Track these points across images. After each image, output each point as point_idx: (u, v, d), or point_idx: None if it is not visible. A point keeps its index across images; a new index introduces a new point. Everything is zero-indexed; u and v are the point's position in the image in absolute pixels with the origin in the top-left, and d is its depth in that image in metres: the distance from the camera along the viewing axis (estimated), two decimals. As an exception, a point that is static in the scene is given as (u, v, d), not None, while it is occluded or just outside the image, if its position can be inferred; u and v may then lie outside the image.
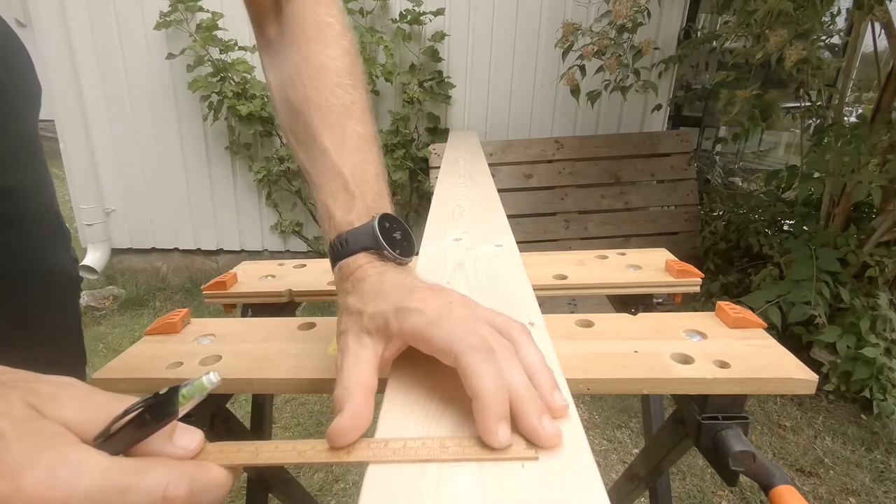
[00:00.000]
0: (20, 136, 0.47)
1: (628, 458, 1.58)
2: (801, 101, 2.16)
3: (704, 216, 2.69)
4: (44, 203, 0.51)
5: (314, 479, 1.50)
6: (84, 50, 2.58)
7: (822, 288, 1.80)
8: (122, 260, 2.98)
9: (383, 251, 0.38)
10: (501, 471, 0.26)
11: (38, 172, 0.50)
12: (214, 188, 2.84)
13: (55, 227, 0.52)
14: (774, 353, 0.50)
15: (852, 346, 1.76)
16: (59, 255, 0.53)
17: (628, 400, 1.82)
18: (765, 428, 1.72)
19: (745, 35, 1.99)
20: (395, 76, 2.47)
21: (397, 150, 2.53)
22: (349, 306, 0.36)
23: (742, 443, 0.48)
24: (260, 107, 2.46)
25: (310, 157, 0.44)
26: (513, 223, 0.68)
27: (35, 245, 0.49)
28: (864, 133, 1.84)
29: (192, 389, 0.25)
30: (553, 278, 0.73)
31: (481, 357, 0.28)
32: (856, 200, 1.89)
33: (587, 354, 0.51)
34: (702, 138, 3.06)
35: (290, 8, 0.47)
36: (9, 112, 0.45)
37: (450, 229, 0.66)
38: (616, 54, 2.11)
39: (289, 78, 0.46)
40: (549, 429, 0.27)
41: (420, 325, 0.31)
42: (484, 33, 2.59)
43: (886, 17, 1.74)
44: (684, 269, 0.72)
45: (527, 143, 2.62)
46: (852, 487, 1.47)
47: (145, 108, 2.69)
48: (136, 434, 0.24)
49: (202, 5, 2.41)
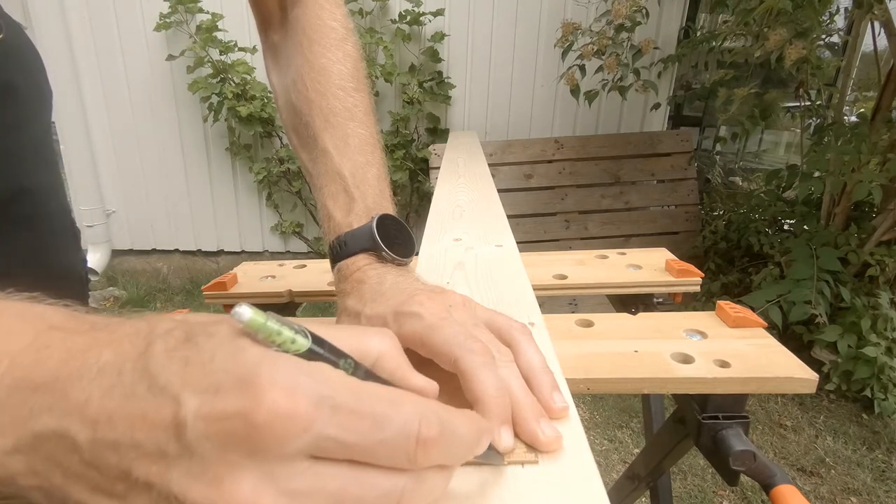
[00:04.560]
0: (36, 137, 0.48)
1: (629, 458, 1.58)
2: (801, 101, 2.16)
3: (705, 216, 2.69)
4: (58, 203, 0.51)
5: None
6: (84, 51, 2.59)
7: (823, 287, 1.79)
8: (123, 261, 2.98)
9: (382, 252, 0.38)
10: (501, 473, 0.26)
11: (52, 173, 0.51)
12: (215, 189, 2.84)
13: (68, 226, 0.53)
14: (775, 352, 0.50)
15: (853, 346, 1.76)
16: (73, 254, 0.54)
17: (629, 400, 1.82)
18: (766, 427, 1.72)
19: (744, 34, 1.99)
20: (395, 77, 2.47)
21: (397, 151, 2.53)
22: (348, 307, 0.36)
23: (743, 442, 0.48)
24: (260, 108, 2.46)
25: (311, 158, 0.44)
26: (513, 223, 0.68)
27: (51, 245, 0.49)
28: (865, 132, 1.84)
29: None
30: (553, 278, 0.73)
31: (481, 362, 0.28)
32: (856, 199, 1.88)
33: (587, 354, 0.51)
34: (702, 138, 3.06)
35: (295, 12, 0.47)
36: (25, 114, 0.46)
37: (450, 229, 0.66)
38: (615, 54, 2.11)
39: (292, 81, 0.46)
40: (548, 433, 0.27)
41: (419, 329, 0.31)
42: (484, 33, 2.59)
43: (886, 16, 1.73)
44: (684, 269, 0.72)
45: (527, 143, 2.62)
46: (853, 487, 1.46)
47: (145, 110, 2.70)
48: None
49: (202, 6, 2.41)
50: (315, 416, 0.16)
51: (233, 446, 0.16)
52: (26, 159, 0.46)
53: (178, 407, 0.16)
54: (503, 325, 0.34)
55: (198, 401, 0.16)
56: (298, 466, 0.17)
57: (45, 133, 0.50)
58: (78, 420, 0.17)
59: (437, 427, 0.19)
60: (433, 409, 0.19)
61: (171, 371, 0.17)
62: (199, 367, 0.17)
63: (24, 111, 0.46)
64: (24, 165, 0.46)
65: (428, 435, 0.18)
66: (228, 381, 0.16)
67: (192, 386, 0.16)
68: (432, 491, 0.20)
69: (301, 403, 0.16)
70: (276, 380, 0.16)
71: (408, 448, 0.18)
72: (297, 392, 0.16)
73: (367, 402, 0.18)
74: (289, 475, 0.17)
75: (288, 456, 0.17)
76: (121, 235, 2.91)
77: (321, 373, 0.18)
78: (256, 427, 0.16)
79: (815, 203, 2.28)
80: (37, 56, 0.50)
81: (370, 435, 0.18)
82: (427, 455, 0.19)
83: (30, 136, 0.47)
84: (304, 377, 0.17)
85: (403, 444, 0.18)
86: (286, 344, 0.18)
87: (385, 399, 0.19)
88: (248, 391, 0.16)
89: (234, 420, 0.16)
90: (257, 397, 0.16)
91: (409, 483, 0.19)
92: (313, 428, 0.17)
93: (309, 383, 0.17)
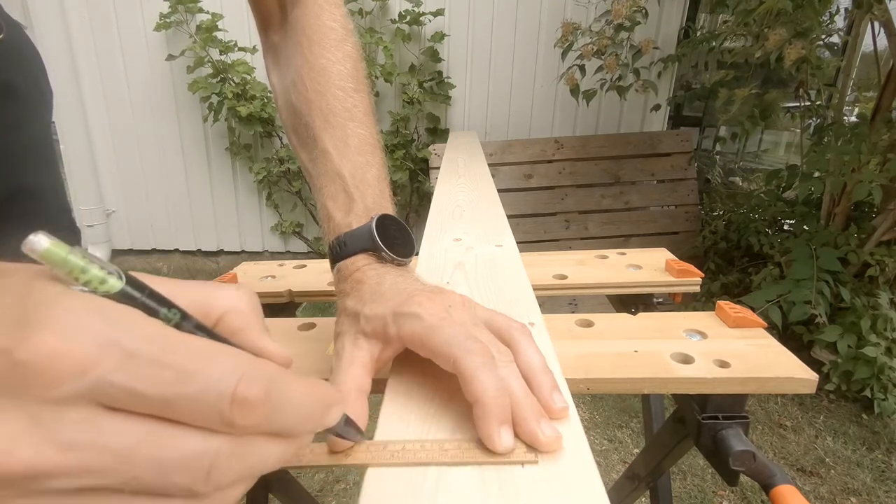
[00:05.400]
0: (35, 137, 0.48)
1: (629, 458, 1.58)
2: (800, 101, 2.16)
3: (704, 216, 2.69)
4: (57, 203, 0.51)
5: (315, 479, 1.50)
6: (84, 51, 2.59)
7: (823, 287, 1.79)
8: (123, 261, 2.98)
9: (381, 252, 0.38)
10: (501, 473, 0.26)
11: (52, 173, 0.51)
12: (215, 189, 2.84)
13: (68, 226, 0.53)
14: (775, 352, 0.50)
15: (853, 346, 1.76)
16: None
17: (629, 400, 1.82)
18: (765, 427, 1.72)
19: (744, 34, 1.99)
20: (395, 77, 2.47)
21: (397, 151, 2.53)
22: (347, 308, 0.36)
23: (742, 442, 0.48)
24: (260, 108, 2.46)
25: (311, 158, 0.44)
26: (513, 223, 0.68)
27: None
28: (865, 132, 1.84)
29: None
30: (553, 278, 0.73)
31: (481, 362, 0.28)
32: (856, 199, 1.88)
33: (587, 354, 0.51)
34: (702, 138, 3.06)
35: (295, 13, 0.48)
36: (26, 114, 0.46)
37: (450, 229, 0.66)
38: (615, 53, 2.11)
39: (291, 81, 0.46)
40: (548, 433, 0.27)
41: (418, 330, 0.31)
42: (484, 33, 2.59)
43: (886, 16, 1.73)
44: (684, 269, 0.72)
45: (527, 143, 2.62)
46: (853, 487, 1.46)
47: (145, 110, 2.70)
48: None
49: (202, 6, 2.41)
50: (97, 360, 0.15)
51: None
52: (26, 159, 0.46)
53: None
54: (503, 325, 0.34)
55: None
56: (77, 415, 0.15)
57: (44, 133, 0.50)
58: None
59: (261, 388, 0.17)
60: (261, 369, 0.18)
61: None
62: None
63: (24, 111, 0.46)
64: (24, 165, 0.46)
65: (247, 394, 0.17)
66: (4, 319, 0.15)
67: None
68: (259, 462, 0.18)
69: (80, 344, 0.15)
70: (56, 318, 0.15)
71: (219, 406, 0.16)
72: (77, 331, 0.15)
73: (174, 352, 0.16)
74: (62, 422, 0.15)
75: (62, 401, 0.15)
76: (121, 235, 2.91)
77: (121, 316, 0.16)
78: (21, 365, 0.14)
79: (815, 203, 2.28)
80: (37, 56, 0.50)
81: (172, 387, 0.16)
82: (246, 417, 0.17)
83: (30, 136, 0.47)
84: (95, 318, 0.15)
85: (215, 401, 0.16)
86: (93, 283, 0.16)
87: (200, 352, 0.17)
88: (19, 329, 0.15)
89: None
90: (25, 334, 0.15)
91: (224, 447, 0.17)
92: (93, 371, 0.15)
93: (97, 325, 0.15)
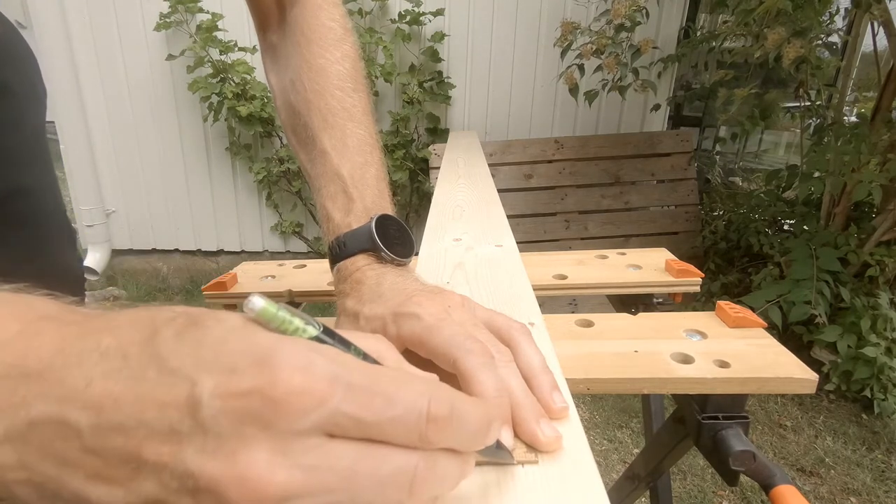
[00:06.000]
0: (31, 136, 0.48)
1: (629, 458, 1.58)
2: (800, 101, 2.16)
3: (704, 216, 2.69)
4: (52, 202, 0.51)
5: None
6: (84, 51, 2.58)
7: (823, 287, 1.79)
8: (123, 261, 2.98)
9: (381, 253, 0.38)
10: (501, 473, 0.26)
11: (47, 173, 0.51)
12: (215, 189, 2.84)
13: (64, 226, 0.53)
14: (775, 352, 0.50)
15: (853, 346, 1.76)
16: (69, 253, 0.54)
17: (628, 400, 1.82)
18: (765, 427, 1.72)
19: (744, 34, 1.99)
20: (395, 77, 2.47)
21: (397, 151, 2.53)
22: (346, 308, 0.36)
23: (742, 442, 0.48)
24: (260, 107, 2.46)
25: (310, 158, 0.44)
26: (513, 223, 0.68)
27: (47, 244, 0.49)
28: (865, 132, 1.84)
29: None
30: (553, 278, 0.73)
31: (480, 362, 0.28)
32: (856, 200, 1.88)
33: (587, 354, 0.51)
34: (702, 138, 3.06)
35: (293, 12, 0.48)
36: (20, 113, 0.46)
37: (450, 229, 0.66)
38: (615, 53, 2.11)
39: (290, 81, 0.46)
40: (548, 433, 0.27)
41: (418, 330, 0.31)
42: (483, 33, 2.59)
43: (885, 16, 1.73)
44: (684, 269, 0.72)
45: (527, 143, 2.62)
46: (853, 487, 1.46)
47: (145, 110, 2.70)
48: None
49: (202, 6, 2.41)
50: (330, 393, 0.17)
51: (249, 421, 0.16)
52: (21, 159, 0.46)
53: (193, 386, 0.16)
54: (502, 324, 0.34)
55: (214, 381, 0.16)
56: (312, 442, 0.17)
57: (39, 132, 0.50)
58: (78, 405, 0.17)
59: (447, 406, 0.19)
60: (443, 390, 0.20)
61: (183, 353, 0.17)
62: (211, 348, 0.17)
63: (19, 110, 0.46)
64: (19, 165, 0.46)
65: (438, 413, 0.19)
66: (244, 361, 0.17)
67: (206, 367, 0.17)
68: (446, 476, 0.20)
69: (316, 380, 0.17)
70: (292, 359, 0.17)
71: (419, 425, 0.18)
72: (312, 370, 0.17)
73: (379, 380, 0.18)
74: (303, 450, 0.17)
75: (302, 431, 0.17)
76: (121, 235, 2.91)
77: (334, 355, 0.18)
78: (273, 402, 0.16)
79: (814, 203, 2.28)
80: (31, 55, 0.50)
81: (382, 412, 0.18)
82: (438, 433, 0.19)
83: (24, 135, 0.47)
84: (319, 357, 0.18)
85: (414, 420, 0.18)
86: (297, 332, 0.19)
87: (396, 379, 0.19)
88: (265, 370, 0.16)
89: (251, 396, 0.16)
90: (274, 374, 0.16)
91: (421, 462, 0.19)
92: (328, 404, 0.17)
93: (323, 362, 0.17)
